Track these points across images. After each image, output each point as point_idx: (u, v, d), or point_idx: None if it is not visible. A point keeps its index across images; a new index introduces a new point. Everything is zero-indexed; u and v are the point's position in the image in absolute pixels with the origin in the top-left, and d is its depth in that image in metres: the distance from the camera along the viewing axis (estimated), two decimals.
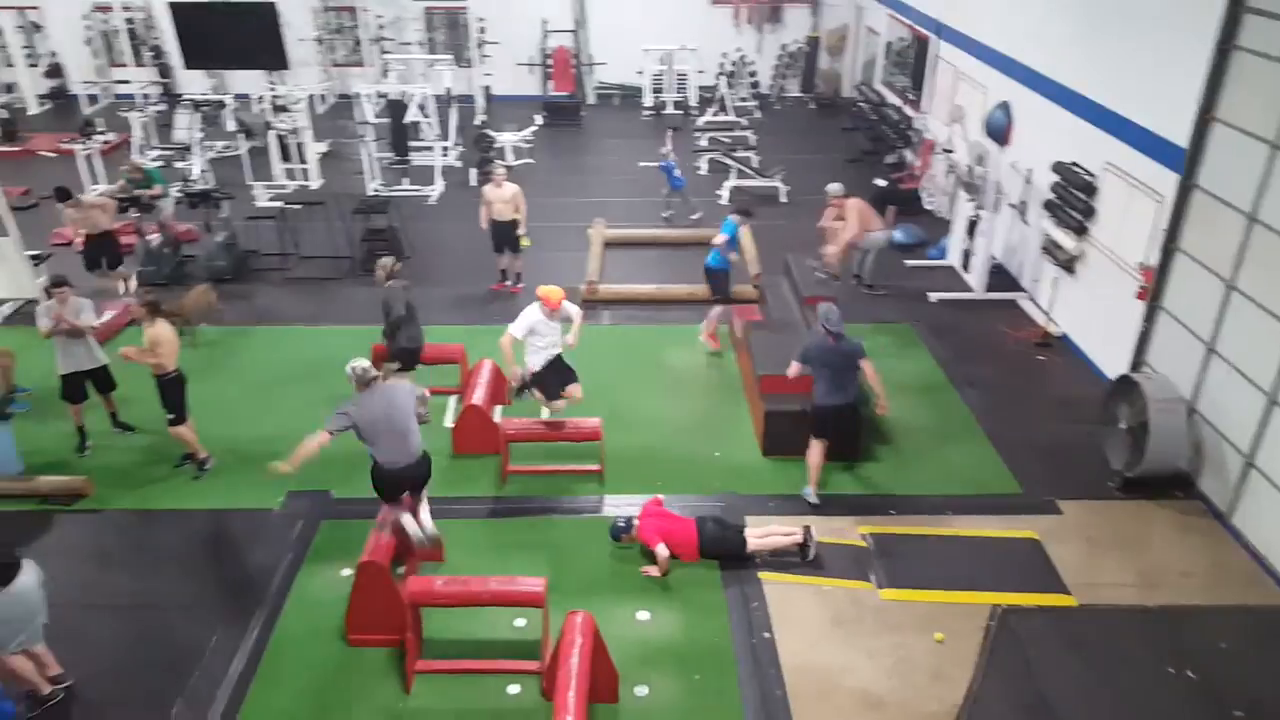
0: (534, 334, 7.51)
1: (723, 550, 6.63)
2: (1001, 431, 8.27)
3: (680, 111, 18.24)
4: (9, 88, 17.93)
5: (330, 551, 6.81)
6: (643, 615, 6.24)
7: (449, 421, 8.34)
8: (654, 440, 8.16)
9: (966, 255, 11.19)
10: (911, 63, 15.49)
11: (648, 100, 18.51)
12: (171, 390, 7.39)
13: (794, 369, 7.23)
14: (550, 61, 18.71)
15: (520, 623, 6.12)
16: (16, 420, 7.84)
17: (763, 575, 6.55)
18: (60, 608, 6.29)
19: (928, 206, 13.42)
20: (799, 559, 6.63)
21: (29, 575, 5.29)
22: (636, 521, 6.74)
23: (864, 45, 18.87)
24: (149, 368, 7.32)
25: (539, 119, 16.46)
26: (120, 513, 7.26)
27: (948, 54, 13.70)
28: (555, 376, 7.66)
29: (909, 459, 7.94)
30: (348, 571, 6.45)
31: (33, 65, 18.14)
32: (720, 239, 9.29)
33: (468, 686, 5.70)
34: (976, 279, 10.82)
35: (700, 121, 16.57)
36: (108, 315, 9.63)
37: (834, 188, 10.46)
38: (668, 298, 10.59)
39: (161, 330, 7.24)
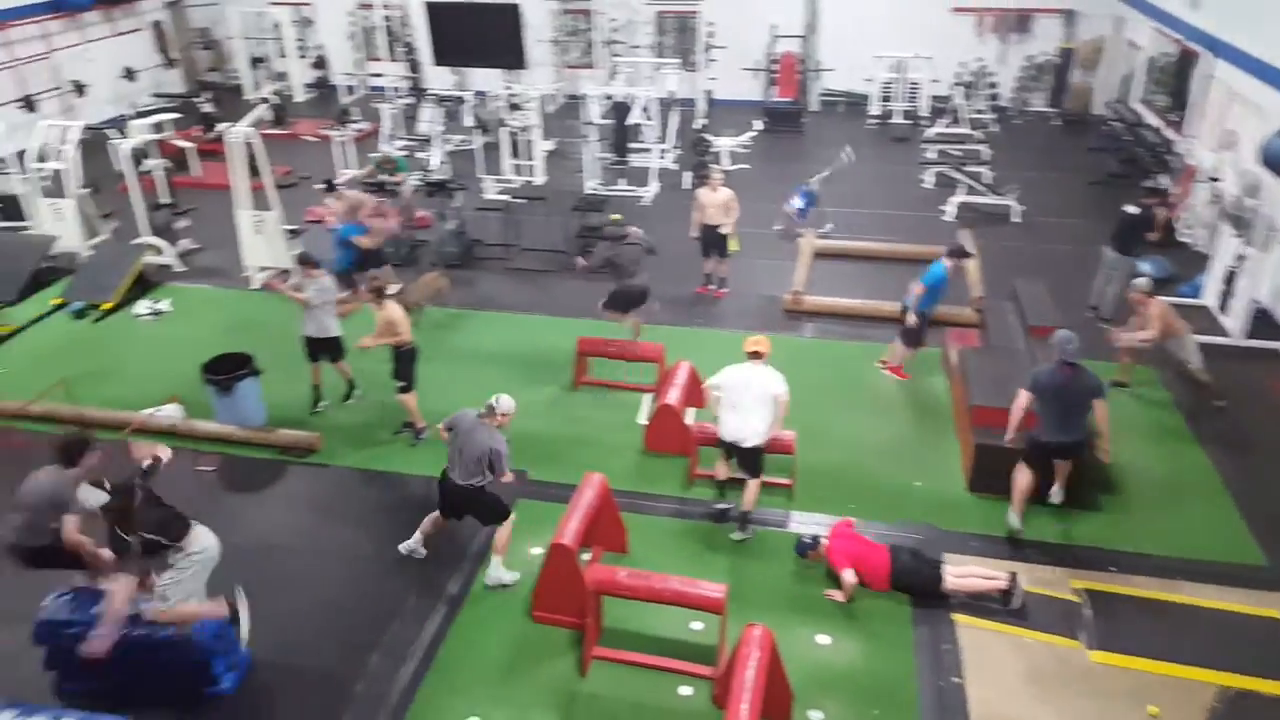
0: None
1: (916, 584, 6.28)
2: (1249, 495, 7.36)
3: (909, 121, 17.59)
4: (281, 76, 19.90)
5: (522, 528, 7.00)
6: (823, 639, 6.02)
7: (642, 419, 8.44)
8: (849, 460, 7.88)
9: (1225, 296, 10.05)
10: (1175, 80, 14.13)
11: (874, 109, 17.99)
12: (405, 361, 7.90)
13: (1022, 399, 6.67)
14: (775, 67, 18.58)
15: (697, 626, 6.07)
16: (266, 377, 8.63)
17: (957, 617, 6.15)
18: (284, 550, 6.93)
19: (1183, 239, 12.19)
20: (1000, 606, 6.17)
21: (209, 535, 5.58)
22: (825, 540, 6.51)
23: (1122, 60, 17.43)
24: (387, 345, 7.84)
25: (758, 124, 16.38)
26: (344, 469, 7.85)
27: (1222, 73, 12.39)
28: None
29: (1135, 513, 7.21)
30: (537, 550, 6.66)
31: (302, 57, 20.05)
32: (918, 289, 8.68)
33: (641, 680, 5.72)
34: (1236, 323, 9.69)
35: (930, 133, 15.90)
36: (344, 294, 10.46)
37: (1141, 283, 8.47)
38: (876, 314, 10.21)
39: (391, 310, 7.77)
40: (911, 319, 8.74)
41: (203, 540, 5.42)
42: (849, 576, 6.25)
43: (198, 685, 5.55)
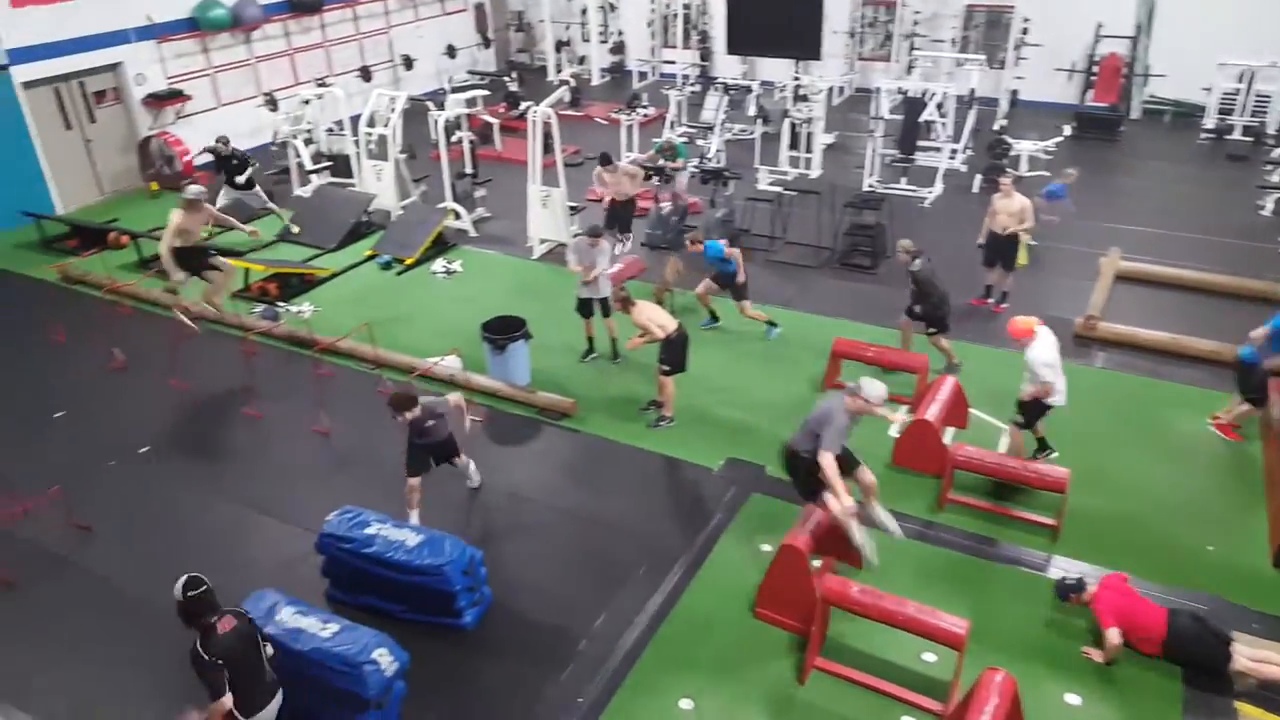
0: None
1: (1196, 657, 5.50)
2: None
3: (1250, 139, 15.42)
4: (581, 60, 20.95)
5: (754, 523, 6.97)
6: (1072, 699, 5.43)
7: (894, 431, 8.02)
8: (1130, 511, 7.03)
9: None
10: None
11: (1209, 121, 15.93)
12: (671, 347, 8.03)
13: None
14: (1095, 69, 16.96)
15: (929, 658, 5.69)
16: (535, 342, 9.14)
17: (1242, 707, 5.31)
18: (532, 502, 7.30)
19: None
20: None
21: None
22: (1092, 588, 5.86)
23: None
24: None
25: (1067, 129, 15.06)
26: (593, 437, 8.15)
27: None
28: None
29: None
30: (767, 547, 6.57)
31: (603, 42, 20.99)
32: (1260, 333, 7.57)
33: (860, 700, 5.46)
34: None
35: (1277, 154, 13.83)
36: (616, 266, 10.89)
37: None
38: (1183, 351, 9.03)
39: (640, 313, 7.99)
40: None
41: None
42: (1114, 636, 5.58)
43: (443, 616, 5.99)
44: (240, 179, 13.19)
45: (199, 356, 9.35)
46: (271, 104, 15.00)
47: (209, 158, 13.62)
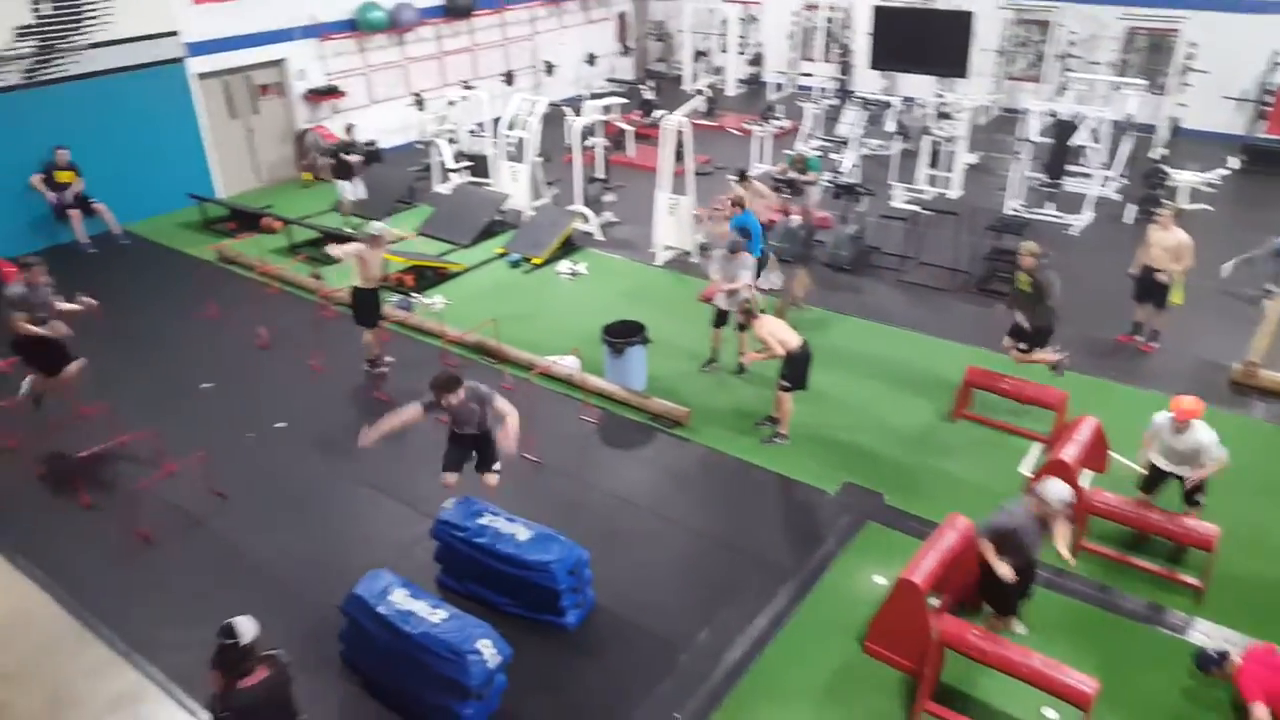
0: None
1: None
2: None
3: None
4: (718, 70, 20.92)
5: (869, 552, 6.75)
6: None
7: (1026, 469, 7.65)
8: None
9: None
10: None
11: None
12: (793, 363, 7.83)
13: None
14: (1269, 99, 15.79)
15: (1051, 714, 5.36)
16: (652, 347, 9.14)
17: None
18: (639, 508, 7.28)
19: None
20: None
21: None
22: (1237, 660, 5.40)
23: None
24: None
25: (1234, 162, 14.05)
26: (704, 448, 8.07)
27: None
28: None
29: None
30: (881, 579, 6.36)
31: (741, 53, 20.90)
32: None
33: None
34: None
35: None
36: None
37: None
38: None
39: (763, 326, 7.80)
40: None
41: None
42: (1260, 712, 5.11)
43: (547, 613, 6.03)
44: (350, 167, 13.65)
45: (336, 340, 9.75)
46: (419, 104, 15.59)
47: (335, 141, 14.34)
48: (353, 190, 13.57)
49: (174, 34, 13.28)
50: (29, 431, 7.88)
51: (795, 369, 7.85)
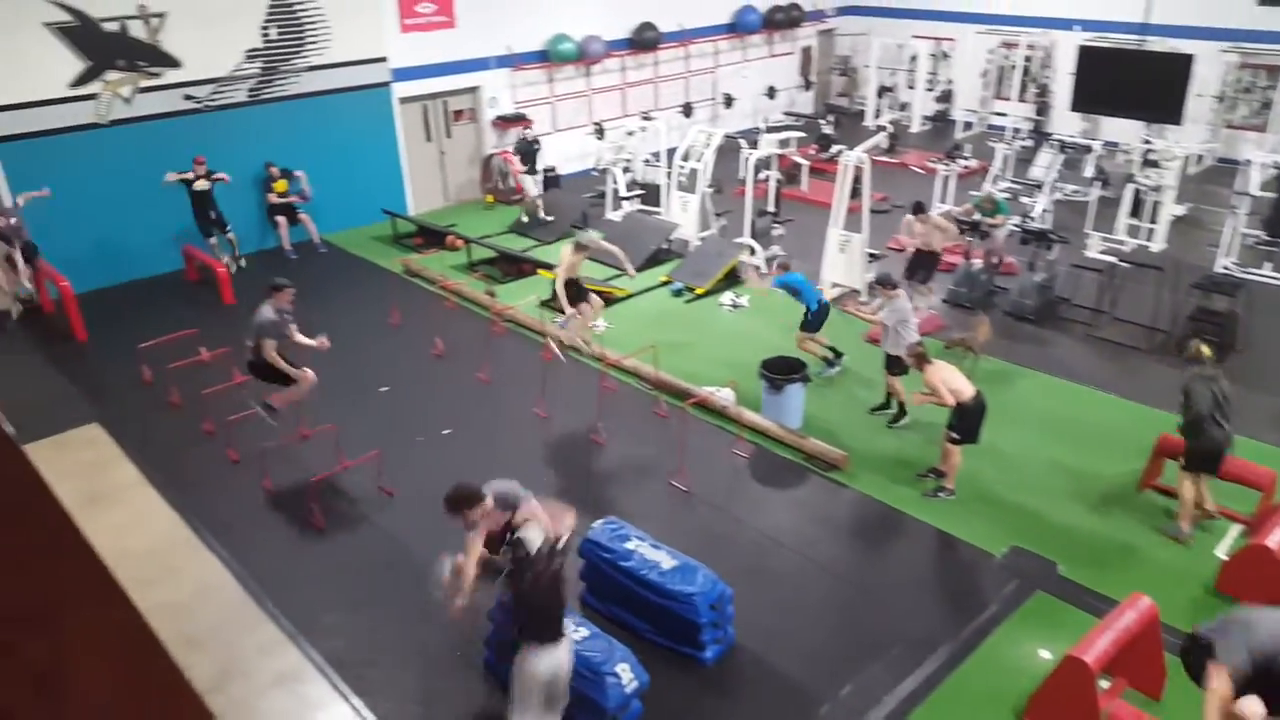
0: None
1: None
2: None
3: None
4: (903, 107, 20.43)
5: (1035, 624, 6.28)
6: None
7: (1223, 552, 6.93)
8: None
9: None
10: None
11: None
12: (964, 415, 7.45)
13: None
14: None
15: None
16: (811, 386, 8.92)
17: None
18: (786, 549, 7.10)
19: None
20: None
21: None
22: None
23: None
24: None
25: None
26: (861, 495, 7.78)
27: None
28: None
29: None
30: (1046, 654, 5.90)
31: (929, 90, 20.33)
32: None
33: None
34: None
35: None
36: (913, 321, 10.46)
37: None
38: None
39: (935, 373, 7.40)
40: None
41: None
42: None
43: (685, 645, 5.94)
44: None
45: (503, 355, 10.12)
46: (599, 133, 16.05)
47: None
48: (536, 185, 14.42)
49: (383, 60, 14.28)
50: (221, 421, 8.50)
51: (967, 421, 7.45)
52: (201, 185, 12.04)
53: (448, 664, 6.02)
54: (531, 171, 14.76)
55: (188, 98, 12.55)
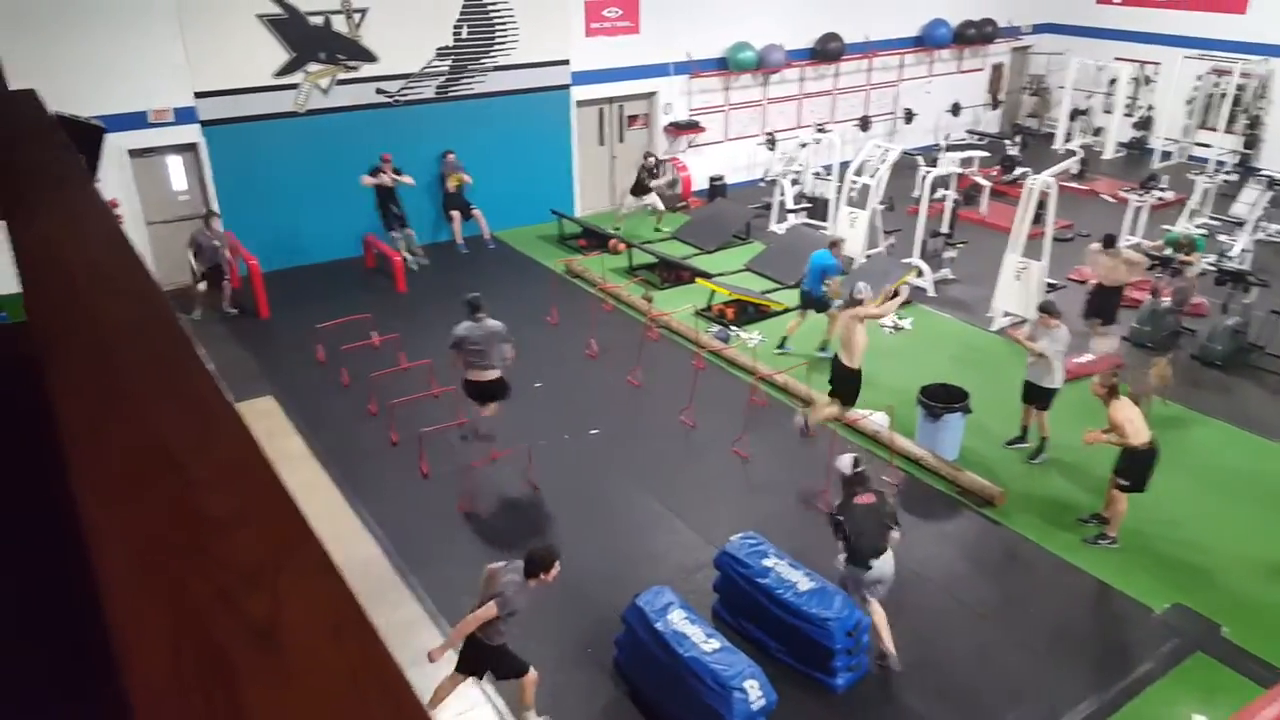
0: None
1: None
2: None
3: None
4: (1097, 131, 19.28)
5: (1192, 687, 5.91)
6: None
7: None
8: None
9: None
10: None
11: None
12: (1139, 460, 7.06)
13: None
14: None
15: None
16: (971, 418, 8.61)
17: None
18: (934, 585, 6.91)
19: None
20: None
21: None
22: None
23: None
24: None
25: None
26: (1015, 534, 7.49)
27: None
28: None
29: None
30: (1200, 718, 5.51)
31: (1127, 115, 19.11)
32: None
33: None
34: None
35: None
36: (1087, 357, 9.92)
37: None
38: None
39: (1120, 410, 6.98)
40: None
41: None
42: None
43: (816, 669, 5.90)
44: (647, 186, 14.58)
45: (656, 360, 10.29)
46: (771, 143, 16.02)
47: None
48: (635, 204, 14.52)
49: (566, 62, 14.76)
50: (386, 404, 9.00)
51: (1138, 467, 7.02)
52: (387, 181, 12.71)
53: (578, 660, 6.21)
54: (644, 192, 14.62)
55: (380, 92, 13.32)
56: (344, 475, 8.22)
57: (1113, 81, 18.83)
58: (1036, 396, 8.33)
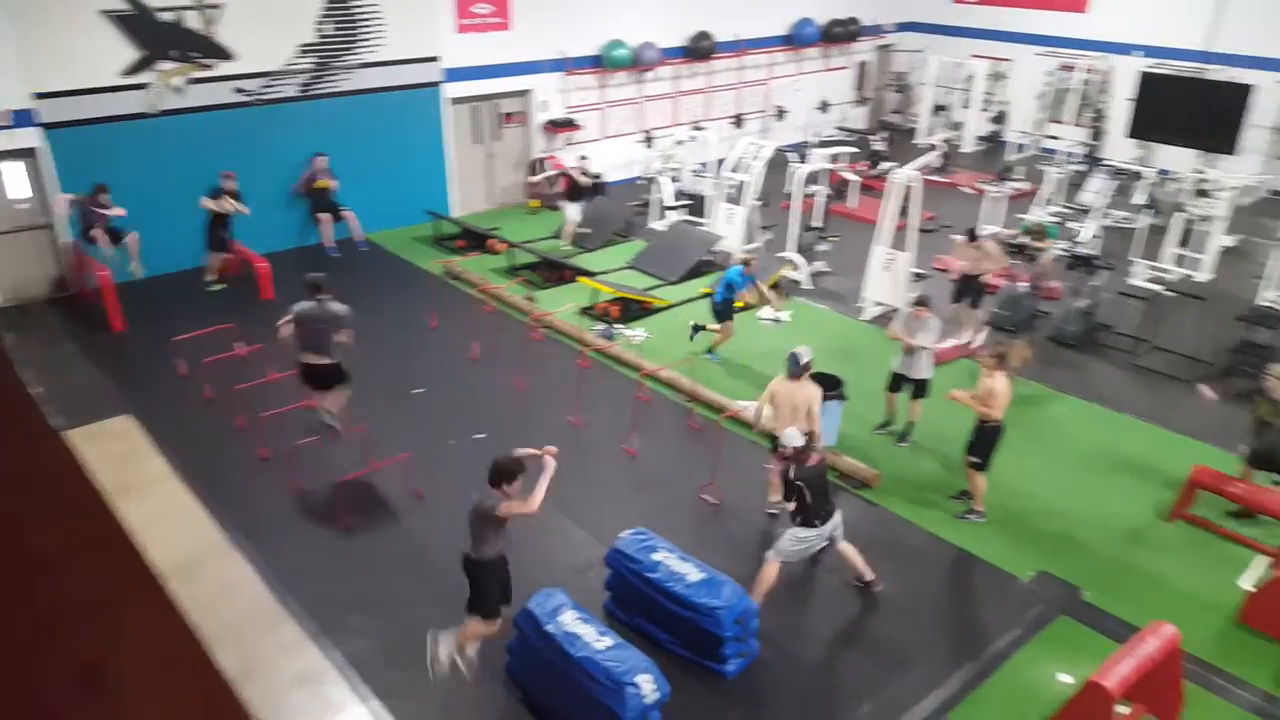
0: None
1: None
2: None
3: None
4: (956, 126, 20.26)
5: (1057, 649, 6.30)
6: None
7: (1248, 583, 6.86)
8: None
9: None
10: None
11: None
12: (986, 438, 7.48)
13: None
14: None
15: None
16: (847, 405, 8.92)
17: None
18: (819, 566, 7.11)
19: None
20: None
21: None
22: None
23: None
24: (975, 411, 7.50)
25: None
26: (890, 514, 7.82)
27: None
28: None
29: None
30: (1066, 678, 5.93)
31: (983, 110, 20.14)
32: None
33: None
34: None
35: None
36: (949, 343, 10.42)
37: None
38: None
39: (999, 383, 7.35)
40: None
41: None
42: None
43: (707, 658, 6.01)
44: (582, 191, 14.31)
45: (541, 361, 10.24)
46: (648, 141, 16.16)
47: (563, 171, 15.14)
48: (577, 214, 14.14)
49: (436, 59, 14.48)
50: (253, 417, 8.54)
51: (984, 445, 7.47)
52: (228, 208, 12.02)
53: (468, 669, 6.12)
54: (576, 198, 14.36)
55: (239, 91, 12.76)
56: (211, 494, 7.80)
57: (969, 78, 19.81)
58: (909, 386, 8.68)
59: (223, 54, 12.51)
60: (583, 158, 14.94)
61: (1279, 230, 12.15)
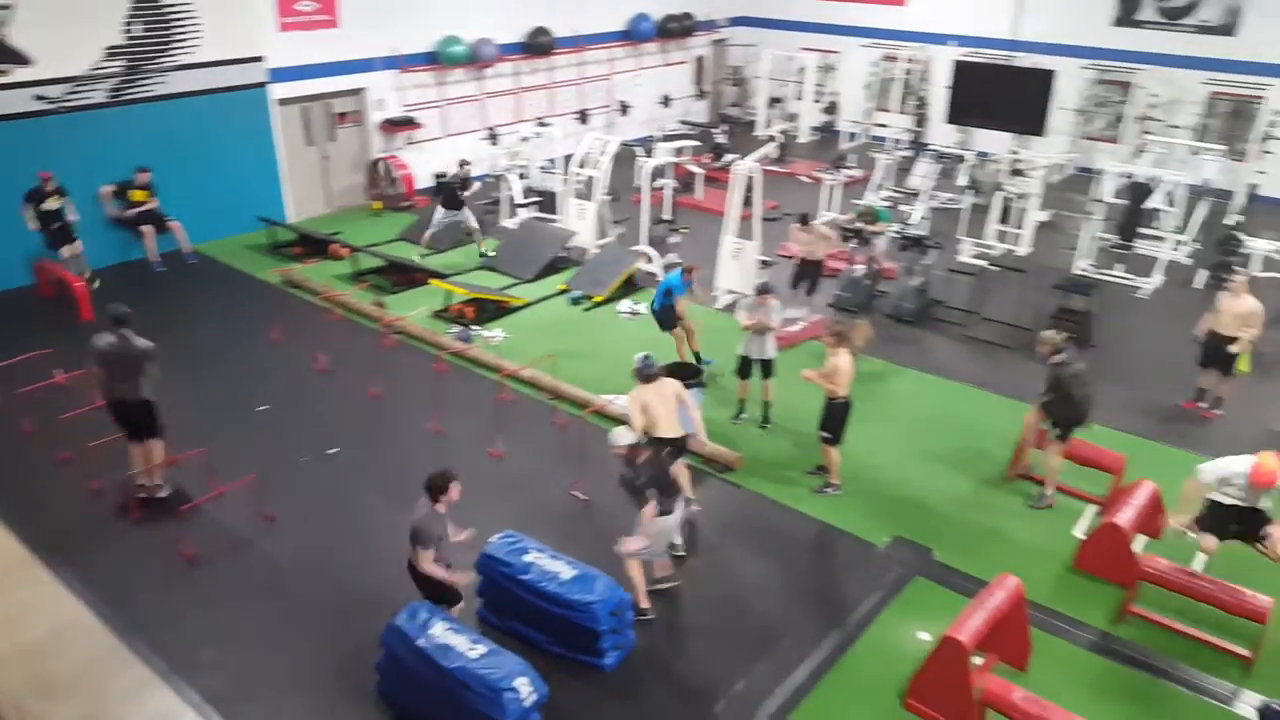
0: (1227, 485, 6.23)
1: None
2: None
3: None
4: (792, 117, 21.00)
5: (915, 608, 6.63)
6: None
7: (1080, 532, 7.47)
8: None
9: None
10: None
11: None
12: (836, 414, 7.79)
13: None
14: None
15: None
16: (708, 391, 9.13)
17: None
18: (686, 553, 7.20)
19: None
20: None
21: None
22: None
23: None
24: (823, 389, 7.78)
25: None
26: (753, 494, 8.02)
27: None
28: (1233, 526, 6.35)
29: None
30: (926, 636, 6.24)
31: (816, 101, 20.97)
32: None
33: None
34: None
35: None
36: (797, 326, 10.78)
37: None
38: None
39: (842, 360, 7.65)
40: None
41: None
42: None
43: (585, 654, 6.00)
44: (460, 199, 13.58)
45: (395, 368, 9.94)
46: (493, 138, 15.95)
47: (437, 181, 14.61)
48: (443, 219, 13.44)
49: (259, 59, 13.79)
50: (80, 448, 7.85)
51: (834, 420, 7.78)
52: (51, 205, 11.30)
53: (335, 693, 5.88)
54: (456, 206, 13.47)
55: (40, 98, 11.76)
56: (36, 536, 7.15)
57: (802, 70, 20.57)
58: (759, 368, 8.90)
59: (18, 58, 11.49)
60: (465, 163, 14.07)
61: (1086, 204, 13.22)
